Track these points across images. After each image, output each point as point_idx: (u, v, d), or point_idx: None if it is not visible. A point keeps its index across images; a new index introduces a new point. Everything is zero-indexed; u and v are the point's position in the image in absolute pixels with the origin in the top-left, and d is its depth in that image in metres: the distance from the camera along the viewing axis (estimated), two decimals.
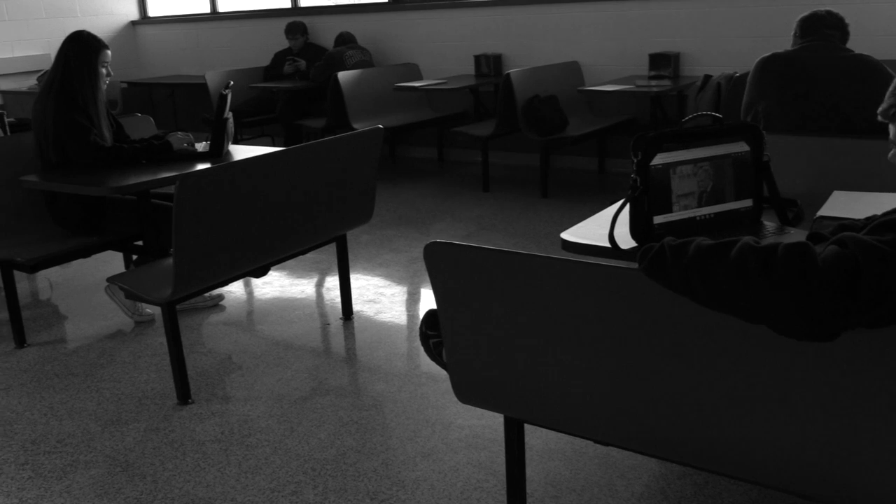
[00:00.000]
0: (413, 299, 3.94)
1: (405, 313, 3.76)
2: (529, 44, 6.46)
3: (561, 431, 1.96)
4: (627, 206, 1.97)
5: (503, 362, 1.79)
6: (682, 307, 1.46)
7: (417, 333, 3.43)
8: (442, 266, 1.75)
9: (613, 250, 1.95)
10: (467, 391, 1.90)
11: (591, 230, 2.15)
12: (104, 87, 3.52)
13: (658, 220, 1.97)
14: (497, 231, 4.88)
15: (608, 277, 1.56)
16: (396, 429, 2.72)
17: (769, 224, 2.11)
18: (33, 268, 3.39)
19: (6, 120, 4.19)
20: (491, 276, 1.71)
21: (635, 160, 1.93)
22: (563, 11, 6.30)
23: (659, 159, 1.94)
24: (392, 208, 5.55)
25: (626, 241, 1.98)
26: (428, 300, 3.91)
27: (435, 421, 2.75)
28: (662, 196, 1.97)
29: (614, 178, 6.14)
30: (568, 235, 2.11)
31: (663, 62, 5.70)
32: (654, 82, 5.50)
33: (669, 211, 1.99)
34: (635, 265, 1.52)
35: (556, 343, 1.69)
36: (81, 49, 3.45)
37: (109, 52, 3.52)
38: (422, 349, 3.24)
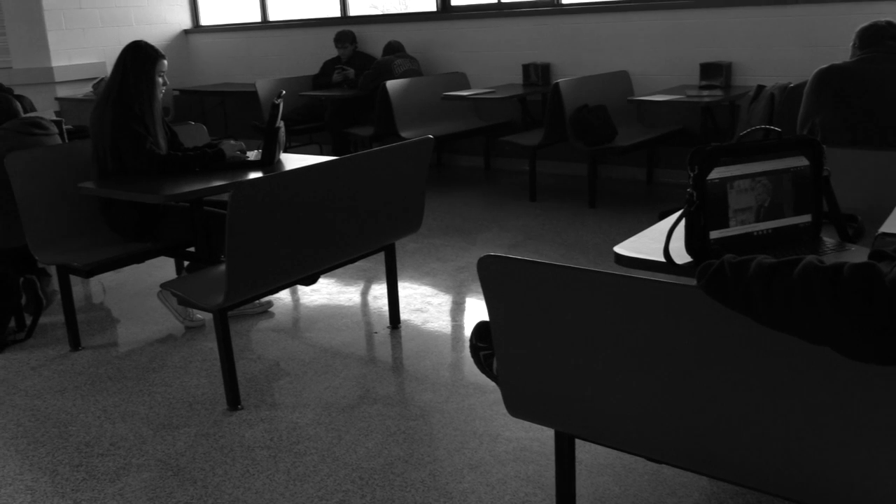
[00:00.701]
0: (460, 309, 3.94)
1: (452, 323, 3.76)
2: (578, 53, 6.43)
3: (613, 448, 1.93)
4: (683, 221, 1.95)
5: (556, 377, 1.77)
6: (741, 326, 1.43)
7: (465, 343, 3.44)
8: (495, 279, 1.75)
9: (668, 265, 1.93)
10: (518, 405, 1.89)
11: (645, 244, 2.13)
12: (160, 95, 3.59)
13: (714, 234, 1.94)
14: (544, 241, 4.86)
15: (665, 294, 1.54)
16: (444, 440, 2.72)
17: (828, 240, 2.07)
18: (89, 272, 3.47)
19: (64, 127, 4.28)
20: (545, 290, 1.70)
21: (692, 174, 1.90)
22: (613, 21, 6.26)
23: (716, 173, 1.92)
24: (439, 217, 5.56)
25: (681, 255, 1.95)
26: (475, 310, 3.90)
27: (482, 433, 2.74)
28: (719, 211, 1.94)
29: (663, 188, 6.08)
30: (621, 249, 2.08)
31: (715, 72, 5.63)
32: (705, 92, 5.43)
33: (726, 226, 1.96)
34: (691, 281, 1.50)
35: (610, 359, 1.68)
36: (139, 58, 3.52)
37: (166, 62, 3.59)
38: (469, 360, 3.24)
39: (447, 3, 7.19)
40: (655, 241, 2.06)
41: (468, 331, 3.63)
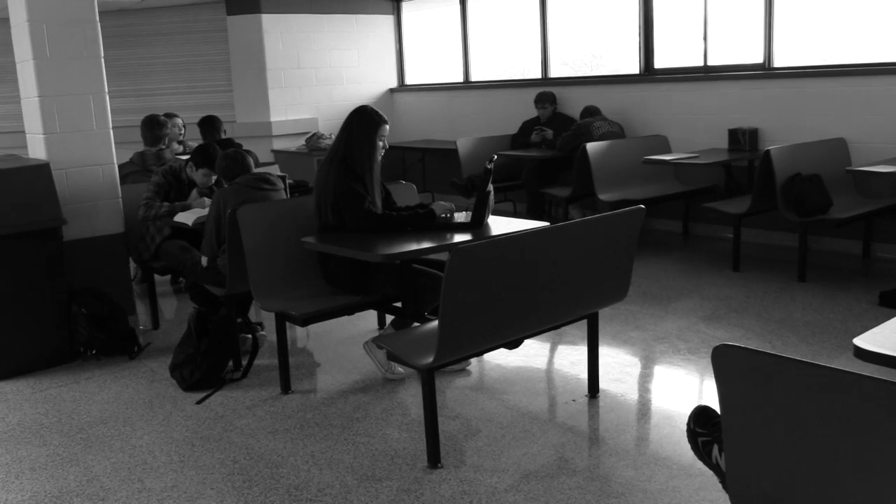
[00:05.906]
0: (661, 382, 3.82)
1: (653, 397, 3.65)
2: (789, 118, 6.16)
3: None
4: None
5: (791, 477, 1.67)
6: None
7: (667, 420, 3.32)
8: (731, 371, 1.68)
9: None
10: (746, 502, 1.79)
11: (888, 337, 1.98)
12: (379, 158, 3.78)
13: None
14: (749, 315, 4.63)
15: None
16: None
17: None
18: (304, 321, 3.66)
19: (287, 182, 4.58)
20: (785, 385, 1.61)
21: None
22: (828, 85, 5.96)
23: None
24: (635, 282, 5.40)
25: None
26: (677, 385, 3.77)
27: None
28: None
29: (882, 264, 5.65)
30: (863, 342, 1.95)
31: None
32: None
33: None
34: None
35: (854, 464, 1.56)
36: (364, 123, 3.74)
37: (388, 127, 3.79)
38: (673, 438, 3.13)
39: (650, 65, 7.13)
40: None
41: (670, 406, 3.51)
